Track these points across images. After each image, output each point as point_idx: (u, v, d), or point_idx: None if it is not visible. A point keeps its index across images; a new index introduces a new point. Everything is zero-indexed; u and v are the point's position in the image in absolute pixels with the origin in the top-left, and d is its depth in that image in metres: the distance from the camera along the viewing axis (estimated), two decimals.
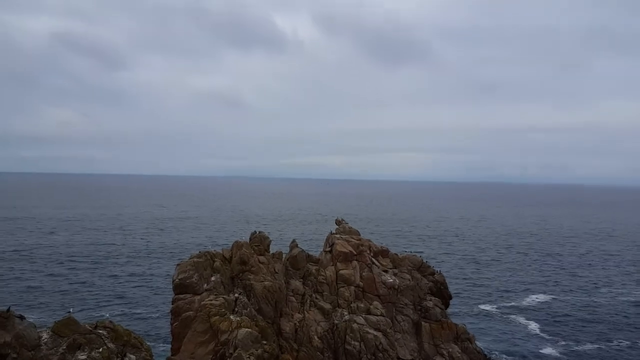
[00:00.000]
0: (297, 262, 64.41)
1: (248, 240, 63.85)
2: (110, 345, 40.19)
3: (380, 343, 56.98)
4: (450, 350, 60.51)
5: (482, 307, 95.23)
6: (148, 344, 45.35)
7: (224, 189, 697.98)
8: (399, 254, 72.26)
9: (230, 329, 47.69)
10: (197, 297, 52.88)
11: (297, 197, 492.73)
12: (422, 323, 62.61)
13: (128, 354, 40.80)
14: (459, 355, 60.03)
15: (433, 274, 71.17)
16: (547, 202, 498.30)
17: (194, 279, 53.66)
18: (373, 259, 66.88)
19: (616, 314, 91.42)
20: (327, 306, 60.86)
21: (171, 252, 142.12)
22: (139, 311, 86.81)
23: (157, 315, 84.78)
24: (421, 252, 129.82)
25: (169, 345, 54.86)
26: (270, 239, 66.62)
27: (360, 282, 63.66)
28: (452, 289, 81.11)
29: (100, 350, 39.04)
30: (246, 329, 47.82)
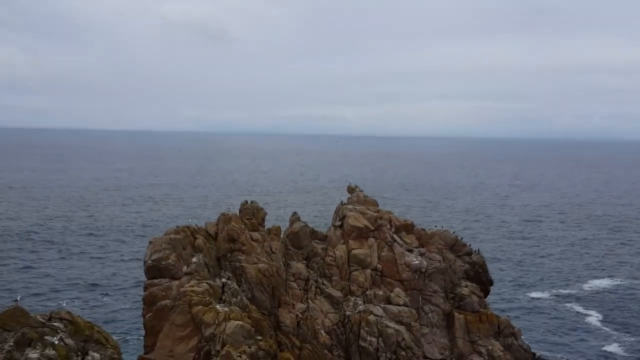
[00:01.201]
0: (300, 240, 64.78)
1: (237, 213, 64.08)
2: (69, 341, 40.87)
3: (403, 339, 57.74)
4: (489, 347, 61.29)
5: (531, 294, 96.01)
6: (115, 339, 46.12)
7: (208, 147, 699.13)
8: (426, 230, 72.42)
9: (217, 322, 48.32)
10: (175, 283, 53.48)
11: (299, 158, 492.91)
12: (455, 314, 63.25)
13: (90, 352, 41.49)
14: (501, 354, 60.83)
15: (470, 253, 71.48)
16: (613, 163, 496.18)
17: (170, 260, 54.17)
18: (394, 236, 67.13)
19: None
20: (337, 294, 61.47)
21: (142, 227, 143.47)
22: (103, 299, 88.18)
23: (127, 304, 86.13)
24: (454, 226, 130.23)
25: (142, 341, 55.83)
26: (265, 210, 66.87)
27: (378, 264, 64.10)
28: (492, 272, 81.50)
29: (56, 347, 39.72)
30: (236, 322, 48.45)
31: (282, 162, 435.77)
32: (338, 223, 68.15)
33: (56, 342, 39.89)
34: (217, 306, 50.25)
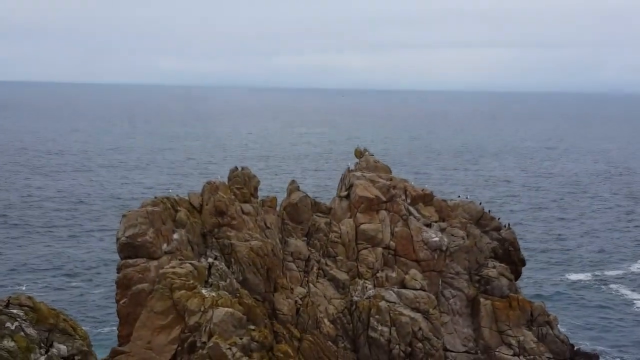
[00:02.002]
0: (299, 213, 64.84)
1: (226, 181, 64.04)
2: (30, 330, 41.18)
3: (420, 329, 58.18)
4: (521, 338, 61.79)
5: (569, 276, 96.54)
6: (84, 329, 46.47)
7: (189, 104, 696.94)
8: (448, 201, 72.43)
9: (203, 309, 48.65)
10: (154, 263, 53.70)
11: (297, 116, 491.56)
12: (481, 300, 63.60)
13: (55, 343, 41.85)
14: (534, 345, 61.35)
15: (499, 229, 71.56)
16: None
17: (148, 237, 54.28)
18: (410, 208, 67.18)
19: None
20: (343, 276, 61.76)
21: (115, 197, 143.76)
22: (70, 282, 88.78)
23: (97, 288, 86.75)
24: (480, 197, 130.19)
25: (115, 331, 56.32)
26: (259, 178, 66.80)
27: (391, 242, 64.27)
28: (525, 250, 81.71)
29: (15, 337, 40.04)
30: (225, 309, 48.77)
31: (277, 121, 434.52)
32: (344, 193, 68.14)
33: (15, 332, 40.20)
34: (203, 290, 50.53)
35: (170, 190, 68.66)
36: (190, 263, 52.97)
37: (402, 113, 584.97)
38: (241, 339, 47.96)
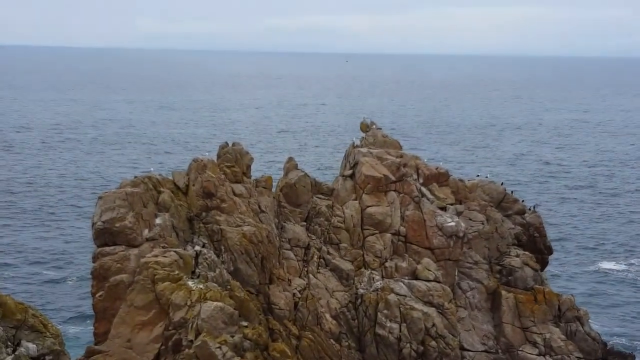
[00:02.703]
0: (298, 194, 64.78)
1: (215, 158, 63.92)
2: None
3: (434, 325, 58.33)
4: (547, 335, 61.93)
5: (602, 265, 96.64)
6: (56, 326, 46.61)
7: (173, 70, 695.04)
8: (465, 181, 72.32)
9: (189, 303, 48.73)
10: (134, 251, 53.70)
11: (295, 85, 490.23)
12: (503, 293, 63.69)
13: (24, 342, 41.99)
14: (562, 343, 61.48)
15: (523, 212, 71.55)
16: None
17: (127, 222, 54.25)
18: (423, 189, 67.11)
19: None
20: (347, 266, 61.82)
21: (88, 178, 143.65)
22: (40, 273, 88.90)
23: (71, 279, 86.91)
24: (502, 176, 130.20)
25: (91, 328, 56.47)
26: (252, 155, 66.64)
27: (402, 227, 64.28)
28: (552, 236, 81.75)
29: None
30: (215, 303, 48.85)
31: (273, 90, 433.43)
32: (348, 172, 68.05)
33: None
34: (189, 282, 50.61)
35: (152, 169, 68.48)
36: (175, 251, 53.03)
37: (415, 81, 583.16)
38: (232, 336, 48.08)
